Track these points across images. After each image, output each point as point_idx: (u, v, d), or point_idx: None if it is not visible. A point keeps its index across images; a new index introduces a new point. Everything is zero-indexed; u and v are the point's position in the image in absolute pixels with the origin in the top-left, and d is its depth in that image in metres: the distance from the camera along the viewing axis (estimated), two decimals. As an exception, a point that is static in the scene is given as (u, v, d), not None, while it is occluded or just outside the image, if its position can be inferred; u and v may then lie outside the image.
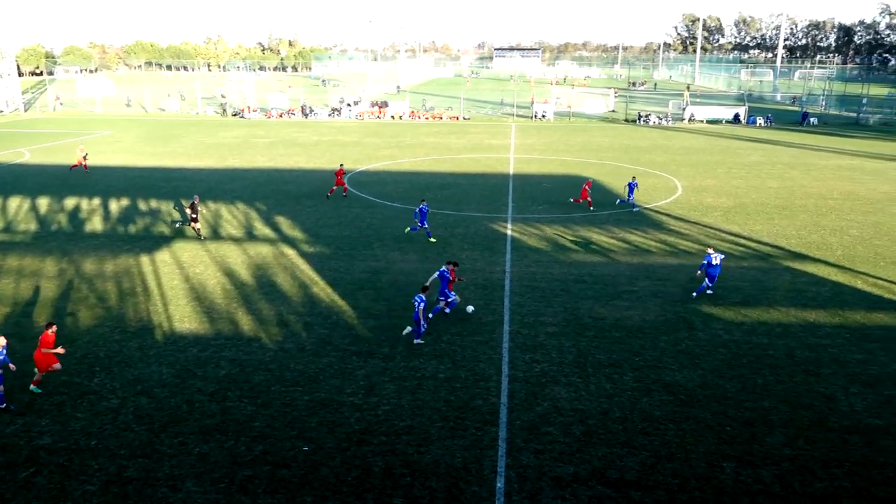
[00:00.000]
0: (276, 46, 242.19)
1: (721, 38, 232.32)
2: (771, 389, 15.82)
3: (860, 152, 52.87)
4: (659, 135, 63.19)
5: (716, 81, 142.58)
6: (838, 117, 79.72)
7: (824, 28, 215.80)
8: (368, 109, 79.17)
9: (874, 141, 60.57)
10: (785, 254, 26.19)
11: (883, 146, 56.89)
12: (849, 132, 67.25)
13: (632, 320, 19.62)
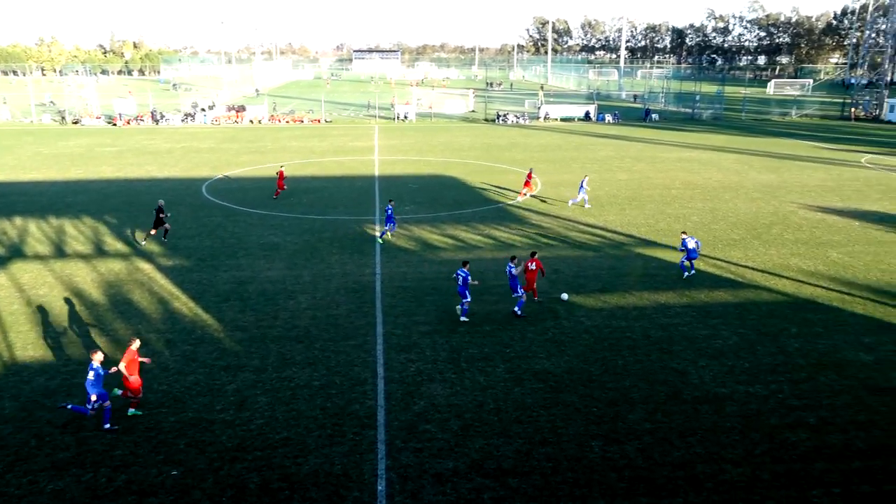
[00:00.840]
0: (120, 49, 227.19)
1: (569, 40, 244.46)
2: (630, 369, 16.87)
3: (696, 145, 57.57)
4: (517, 133, 65.51)
5: (567, 81, 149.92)
6: (676, 113, 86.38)
7: (660, 31, 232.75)
8: (225, 114, 76.20)
9: (707, 134, 66.17)
10: (636, 241, 28.00)
11: (714, 139, 62.27)
12: (686, 126, 73.03)
13: (501, 313, 20.21)
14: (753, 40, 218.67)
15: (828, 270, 24.52)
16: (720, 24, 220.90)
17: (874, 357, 17.63)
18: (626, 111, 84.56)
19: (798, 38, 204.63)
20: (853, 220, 31.94)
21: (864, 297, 21.91)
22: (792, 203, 35.35)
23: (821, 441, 13.90)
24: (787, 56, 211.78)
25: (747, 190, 38.59)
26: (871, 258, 26.00)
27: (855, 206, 34.79)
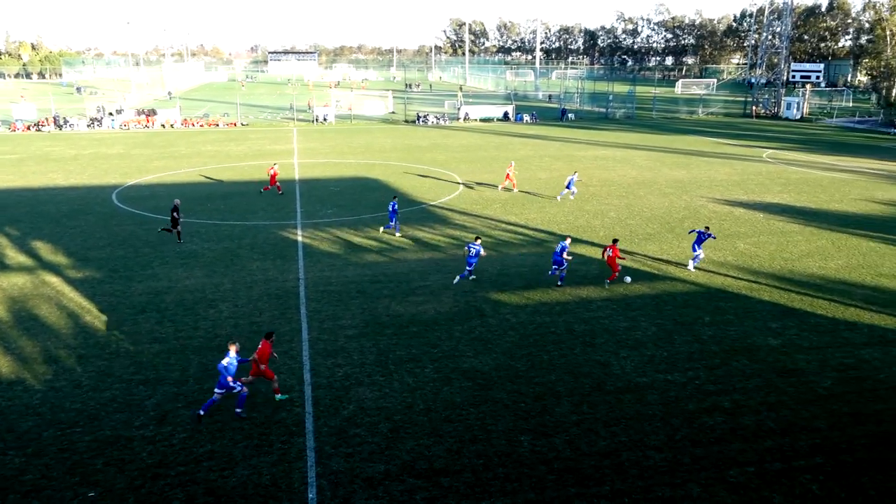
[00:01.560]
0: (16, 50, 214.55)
1: (486, 42, 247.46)
2: (556, 363, 17.24)
3: (611, 143, 59.40)
4: (438, 134, 65.83)
5: (485, 82, 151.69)
6: (591, 113, 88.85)
7: (573, 33, 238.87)
8: (134, 118, 73.18)
9: (621, 132, 68.38)
10: (557, 238, 28.58)
11: (628, 137, 64.43)
12: (600, 125, 75.23)
13: (427, 314, 20.27)
14: (661, 42, 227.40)
15: (736, 261, 25.78)
16: (629, 26, 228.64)
17: (781, 341, 18.66)
18: (543, 111, 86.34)
19: (702, 39, 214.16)
20: (757, 212, 33.69)
21: (769, 284, 23.16)
22: (702, 197, 36.98)
23: (735, 423, 14.60)
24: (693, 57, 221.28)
25: (660, 186, 40.11)
26: (774, 248, 27.50)
27: (758, 199, 36.73)
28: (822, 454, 13.56)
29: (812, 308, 21.11)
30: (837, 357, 17.73)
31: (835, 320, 20.17)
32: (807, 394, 15.86)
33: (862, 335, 19.12)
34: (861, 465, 13.21)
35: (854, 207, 35.25)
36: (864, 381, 16.46)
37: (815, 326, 19.68)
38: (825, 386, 16.23)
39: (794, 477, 12.86)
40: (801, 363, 17.38)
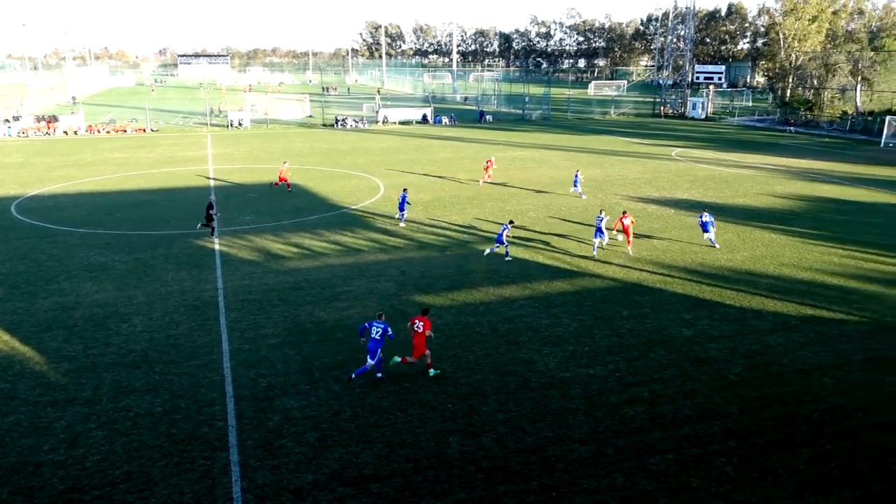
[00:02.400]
0: None
1: (403, 44, 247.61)
2: (481, 363, 17.42)
3: (528, 144, 60.54)
4: (357, 137, 65.38)
5: (403, 84, 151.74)
6: (508, 114, 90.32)
7: (489, 36, 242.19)
8: (34, 125, 69.29)
9: (537, 133, 69.83)
10: (479, 239, 28.94)
11: (544, 138, 65.85)
12: (517, 127, 76.58)
13: (352, 319, 20.08)
14: (573, 45, 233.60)
15: (650, 255, 26.75)
16: (543, 29, 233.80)
17: (694, 331, 19.49)
18: (461, 113, 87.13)
19: (612, 42, 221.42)
20: (668, 208, 35.08)
21: (682, 277, 24.16)
22: (616, 195, 38.19)
23: (655, 412, 15.15)
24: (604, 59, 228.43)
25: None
26: (685, 242, 28.70)
27: (669, 196, 38.25)
28: (734, 438, 14.23)
29: (721, 298, 22.15)
30: (745, 344, 18.67)
31: (742, 309, 21.23)
32: (719, 381, 16.62)
33: (767, 322, 20.20)
34: (770, 446, 13.95)
35: (756, 201, 37.23)
36: (770, 366, 17.40)
37: (725, 316, 20.66)
38: (735, 372, 17.06)
39: (709, 461, 13.44)
40: (713, 351, 18.21)
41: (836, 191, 40.96)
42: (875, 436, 14.35)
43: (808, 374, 17.03)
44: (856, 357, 17.97)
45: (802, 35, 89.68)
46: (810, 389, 16.25)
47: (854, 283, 23.90)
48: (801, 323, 20.20)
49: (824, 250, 27.79)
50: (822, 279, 24.24)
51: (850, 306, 21.57)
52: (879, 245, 28.56)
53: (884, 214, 34.65)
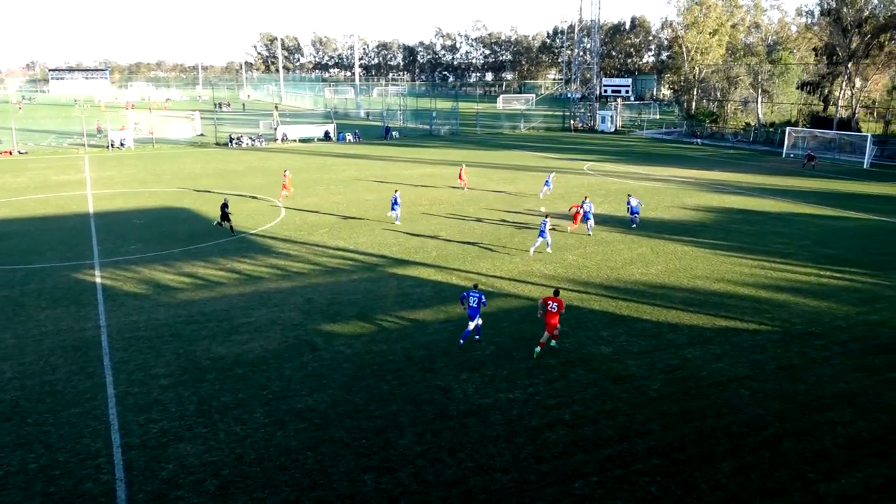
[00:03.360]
0: None
1: (301, 58, 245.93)
2: (396, 393, 17.29)
3: (437, 160, 61.16)
4: (254, 157, 64.16)
5: (302, 100, 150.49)
6: (415, 130, 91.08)
7: (392, 48, 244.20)
8: None
9: (446, 149, 70.71)
10: (389, 261, 28.87)
11: (454, 154, 66.74)
12: (425, 143, 77.31)
13: (253, 353, 19.53)
14: (480, 58, 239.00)
15: (566, 272, 27.46)
16: (448, 42, 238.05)
17: (612, 348, 20.09)
18: (366, 129, 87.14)
19: (519, 55, 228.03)
20: (582, 223, 36.17)
21: (598, 294, 24.90)
22: (529, 212, 39.07)
23: (577, 435, 15.45)
24: (511, 72, 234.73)
25: (489, 202, 41.86)
26: (600, 258, 29.66)
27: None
28: (657, 455, 14.70)
29: (638, 314, 22.96)
30: (664, 359, 19.39)
31: (659, 324, 22.08)
32: (639, 398, 17.17)
33: (684, 336, 21.09)
34: (692, 462, 14.50)
35: (668, 214, 39.00)
36: (688, 380, 18.13)
37: (642, 331, 21.42)
38: (655, 388, 17.67)
39: (633, 481, 13.81)
40: (633, 368, 18.81)
41: (743, 201, 43.46)
42: (792, 444, 15.18)
43: (725, 386, 17.85)
44: (769, 367, 19.00)
45: (704, 48, 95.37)
46: (728, 401, 17.03)
47: (764, 292, 25.34)
48: (717, 335, 21.20)
49: (735, 261, 29.36)
50: (734, 290, 25.57)
51: (762, 316, 22.84)
52: (786, 254, 30.46)
53: (789, 223, 37.01)
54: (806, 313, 23.16)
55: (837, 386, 17.90)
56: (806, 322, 22.35)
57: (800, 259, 29.78)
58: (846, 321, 22.45)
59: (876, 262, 29.52)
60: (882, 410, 16.62)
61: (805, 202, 43.40)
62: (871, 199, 44.99)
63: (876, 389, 17.71)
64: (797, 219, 38.33)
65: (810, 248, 31.66)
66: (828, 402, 17.05)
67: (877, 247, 32.12)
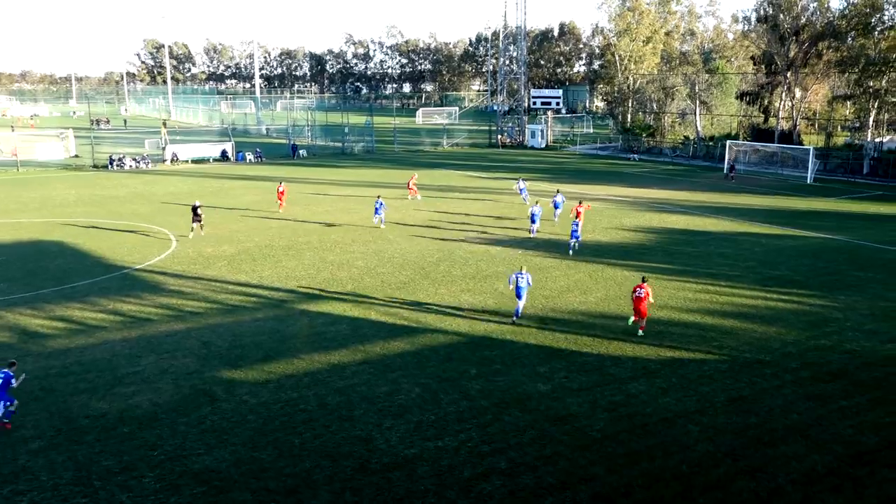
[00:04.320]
0: None
1: (193, 67, 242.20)
2: (309, 447, 16.98)
3: (352, 181, 61.08)
4: (139, 181, 62.54)
5: (195, 115, 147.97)
6: (325, 148, 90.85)
7: (297, 57, 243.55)
8: None
9: (361, 169, 70.78)
10: (298, 296, 28.51)
11: (370, 174, 66.85)
12: (337, 162, 77.18)
13: (141, 408, 18.87)
14: (396, 67, 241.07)
15: (497, 304, 27.74)
16: (360, 49, 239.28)
17: (551, 386, 20.35)
18: (269, 148, 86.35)
19: (439, 65, 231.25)
20: (514, 248, 36.73)
21: (533, 326, 25.24)
22: (455, 237, 39.39)
23: (514, 485, 15.52)
24: (432, 83, 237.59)
25: (410, 227, 41.96)
26: (534, 286, 30.05)
27: (514, 234, 40.09)
28: (603, 502, 14.90)
29: (577, 346, 23.38)
30: (607, 395, 19.77)
31: (600, 357, 22.53)
32: (581, 439, 17.42)
33: (627, 369, 21.58)
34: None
35: (606, 237, 40.04)
36: (634, 418, 18.52)
37: (583, 366, 21.81)
38: (598, 428, 17.97)
39: (578, 533, 13.94)
40: (573, 407, 19.09)
41: (684, 221, 45.07)
42: (745, 482, 15.67)
43: (672, 422, 18.32)
44: (719, 399, 19.63)
45: (638, 57, 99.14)
46: (677, 439, 17.47)
47: (710, 319, 26.25)
48: (662, 367, 21.78)
49: (678, 286, 30.33)
50: (678, 317, 26.38)
51: (709, 344, 23.63)
52: (731, 277, 31.70)
53: (732, 243, 38.58)
54: (754, 340, 24.09)
55: (790, 417, 18.65)
56: (755, 349, 23.24)
57: (746, 282, 31.02)
58: (796, 347, 23.47)
59: (823, 282, 31.05)
60: (835, 441, 17.39)
61: (749, 220, 45.36)
62: (816, 216, 47.43)
63: (829, 419, 18.53)
64: (742, 238, 39.99)
65: (756, 269, 33.04)
66: (780, 434, 17.72)
67: (823, 266, 33.82)
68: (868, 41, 73.75)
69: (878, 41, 72.60)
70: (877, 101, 72.27)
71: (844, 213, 49.34)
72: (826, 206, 52.35)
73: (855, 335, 24.61)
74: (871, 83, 71.81)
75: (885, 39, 71.77)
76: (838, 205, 52.85)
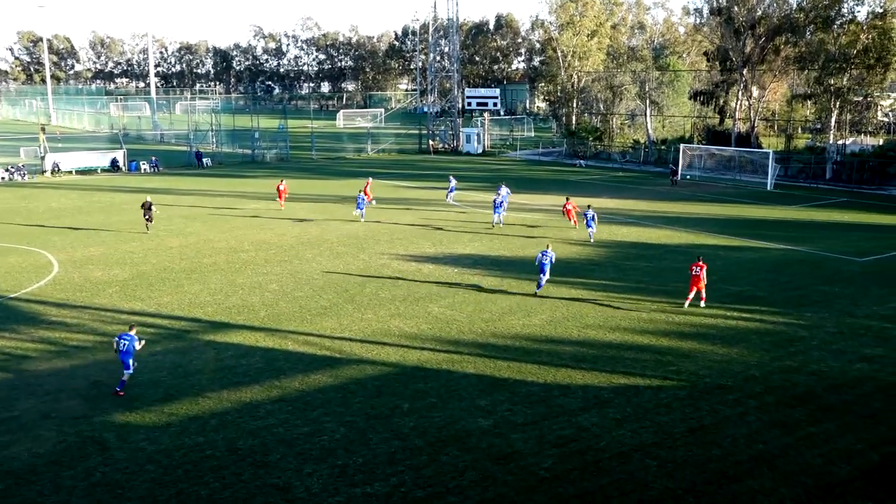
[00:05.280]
0: None
1: (77, 64, 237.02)
2: (218, 498, 16.66)
3: (263, 194, 60.53)
4: (13, 195, 60.84)
5: (80, 119, 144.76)
6: (234, 155, 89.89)
7: (198, 52, 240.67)
8: None
9: (275, 179, 70.00)
10: (203, 326, 28.03)
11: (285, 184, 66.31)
12: (248, 171, 76.49)
13: (19, 460, 18.26)
14: (313, 64, 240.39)
15: (432, 329, 27.77)
16: (272, 44, 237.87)
17: (493, 420, 20.42)
18: (167, 156, 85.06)
19: (362, 61, 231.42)
20: (449, 266, 36.87)
21: (472, 353, 25.34)
22: (382, 254, 39.35)
23: (454, 533, 15.48)
24: (354, 82, 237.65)
25: (331, 244, 41.79)
26: (472, 308, 30.27)
27: (448, 251, 40.25)
28: (553, 550, 14.98)
29: (521, 375, 23.54)
30: (555, 430, 19.93)
31: (547, 386, 22.73)
32: (528, 479, 17.51)
33: (577, 399, 21.81)
34: (595, 554, 14.88)
35: (551, 252, 40.51)
36: (585, 454, 18.71)
37: (527, 396, 21.95)
38: (546, 467, 18.09)
39: (526, 586, 13.98)
40: (518, 443, 19.19)
41: (636, 233, 46.00)
42: (708, 522, 15.96)
43: (628, 457, 18.57)
44: (678, 430, 20.00)
45: (583, 52, 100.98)
46: (634, 475, 17.71)
47: (667, 341, 26.79)
48: (615, 395, 22.09)
49: (631, 304, 30.89)
50: (632, 340, 26.84)
51: (666, 369, 24.09)
52: (687, 294, 32.40)
53: (689, 257, 39.35)
54: (715, 363, 24.66)
55: (755, 447, 19.11)
56: (715, 374, 23.78)
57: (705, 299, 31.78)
58: (759, 370, 24.11)
59: (787, 298, 32.04)
60: (804, 472, 17.88)
61: (706, 231, 46.58)
62: (777, 226, 49.02)
63: (796, 448, 19.06)
64: (699, 251, 40.92)
65: (715, 285, 33.86)
66: (746, 467, 18.14)
67: (786, 280, 34.91)
68: (827, 36, 76.22)
69: (837, 35, 75.04)
70: (838, 101, 74.92)
71: (807, 221, 51.13)
72: (788, 214, 54.14)
73: (821, 355, 25.43)
74: (831, 81, 74.33)
75: (846, 34, 74.22)
76: (801, 213, 54.73)
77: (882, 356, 25.34)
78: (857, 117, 77.87)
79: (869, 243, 43.44)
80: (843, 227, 49.48)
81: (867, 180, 69.89)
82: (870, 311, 30.31)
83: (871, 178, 70.10)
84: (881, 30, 71.83)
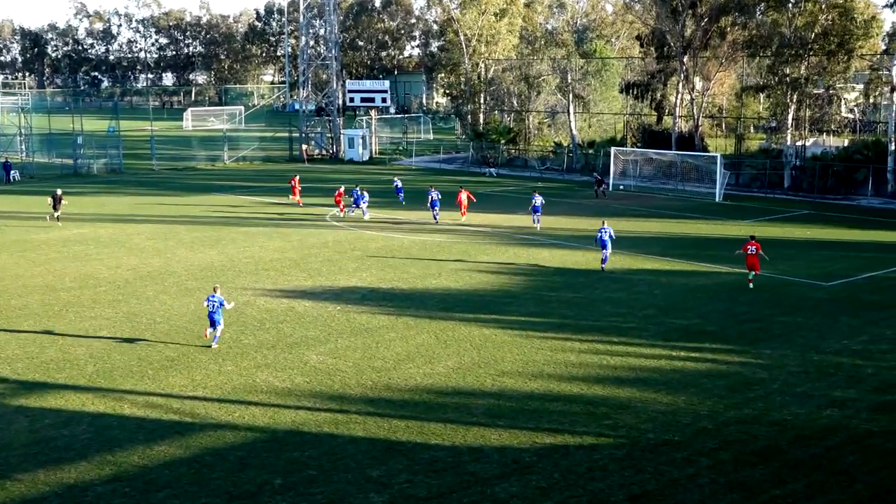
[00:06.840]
0: None
1: None
2: None
3: (89, 215, 59.05)
4: None
5: None
6: (50, 167, 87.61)
7: (1, 34, 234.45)
8: None
9: (104, 196, 68.62)
10: (12, 387, 27.10)
11: (116, 203, 64.96)
12: (69, 186, 74.09)
13: None
14: (152, 50, 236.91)
15: (309, 383, 27.48)
16: (98, 24, 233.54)
17: (388, 496, 20.25)
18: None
19: (215, 47, 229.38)
20: (330, 303, 36.60)
21: (361, 412, 25.14)
22: (245, 289, 38.81)
23: None
24: (206, 73, 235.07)
25: (179, 278, 41.03)
26: (360, 354, 30.09)
27: (329, 284, 39.97)
28: None
29: (424, 437, 23.45)
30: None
31: (455, 449, 22.69)
32: (434, 569, 17.42)
33: (492, 465, 21.82)
34: None
35: (456, 282, 40.65)
36: (504, 533, 18.74)
37: (431, 464, 21.86)
38: (456, 551, 18.05)
39: None
40: (421, 524, 19.09)
41: (561, 257, 46.62)
42: None
43: (557, 535, 18.68)
44: (616, 498, 20.19)
45: (490, 36, 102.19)
46: (563, 558, 17.81)
47: (600, 388, 27.13)
48: (539, 458, 22.19)
49: (556, 345, 31.19)
50: (558, 389, 27.07)
51: (600, 424, 24.35)
52: (624, 330, 32.99)
53: (625, 285, 40.25)
54: (659, 414, 25.05)
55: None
56: (660, 427, 24.15)
57: (644, 336, 32.33)
58: (712, 421, 24.60)
59: (742, 332, 32.91)
60: (770, 545, 18.30)
61: (645, 253, 47.51)
62: (730, 245, 50.24)
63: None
64: (636, 278, 41.79)
65: (657, 318, 34.55)
66: (698, 541, 18.45)
67: (742, 311, 35.88)
68: (781, 16, 77.41)
69: (793, 16, 76.28)
70: (795, 94, 76.18)
71: (764, 239, 52.48)
72: (741, 230, 55.50)
73: (784, 400, 26.09)
74: (787, 70, 75.78)
75: (802, 14, 75.76)
76: (756, 229, 56.26)
77: (854, 399, 26.15)
78: (818, 113, 79.45)
79: (836, 264, 45.05)
80: (806, 245, 51.07)
81: (831, 189, 72.14)
82: (839, 345, 31.34)
83: (836, 185, 72.39)
84: (842, 9, 73.62)
